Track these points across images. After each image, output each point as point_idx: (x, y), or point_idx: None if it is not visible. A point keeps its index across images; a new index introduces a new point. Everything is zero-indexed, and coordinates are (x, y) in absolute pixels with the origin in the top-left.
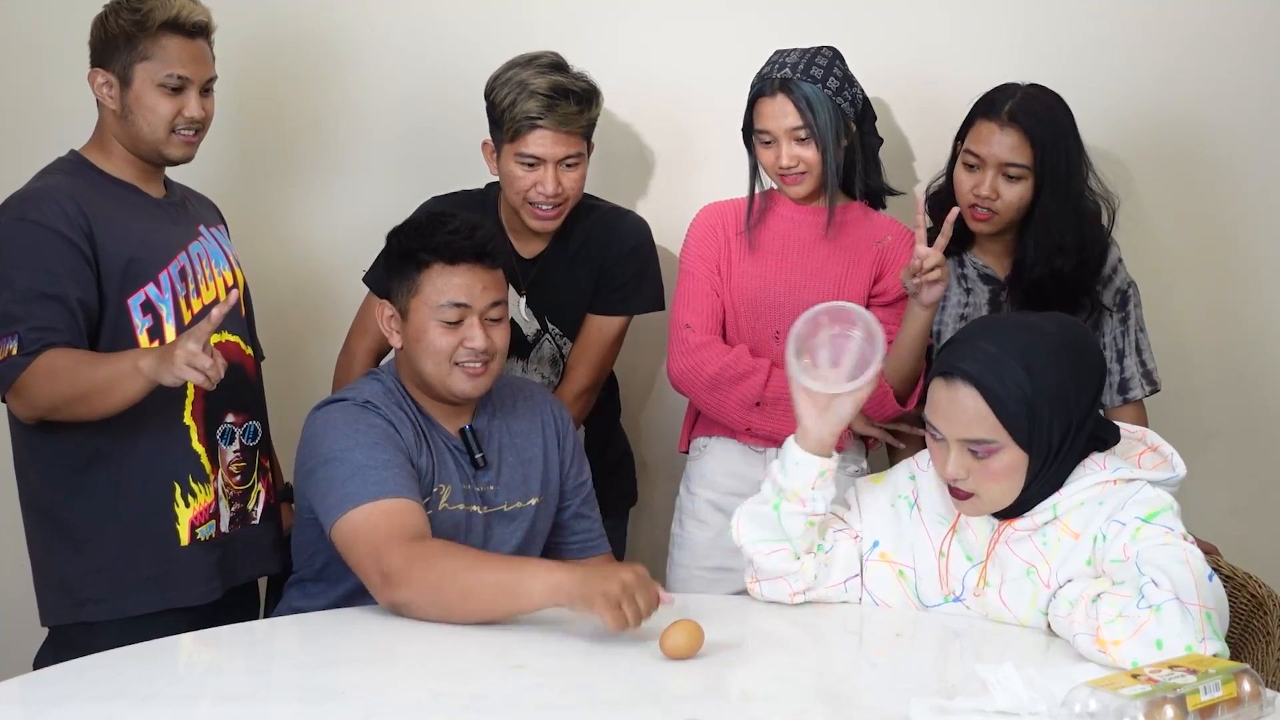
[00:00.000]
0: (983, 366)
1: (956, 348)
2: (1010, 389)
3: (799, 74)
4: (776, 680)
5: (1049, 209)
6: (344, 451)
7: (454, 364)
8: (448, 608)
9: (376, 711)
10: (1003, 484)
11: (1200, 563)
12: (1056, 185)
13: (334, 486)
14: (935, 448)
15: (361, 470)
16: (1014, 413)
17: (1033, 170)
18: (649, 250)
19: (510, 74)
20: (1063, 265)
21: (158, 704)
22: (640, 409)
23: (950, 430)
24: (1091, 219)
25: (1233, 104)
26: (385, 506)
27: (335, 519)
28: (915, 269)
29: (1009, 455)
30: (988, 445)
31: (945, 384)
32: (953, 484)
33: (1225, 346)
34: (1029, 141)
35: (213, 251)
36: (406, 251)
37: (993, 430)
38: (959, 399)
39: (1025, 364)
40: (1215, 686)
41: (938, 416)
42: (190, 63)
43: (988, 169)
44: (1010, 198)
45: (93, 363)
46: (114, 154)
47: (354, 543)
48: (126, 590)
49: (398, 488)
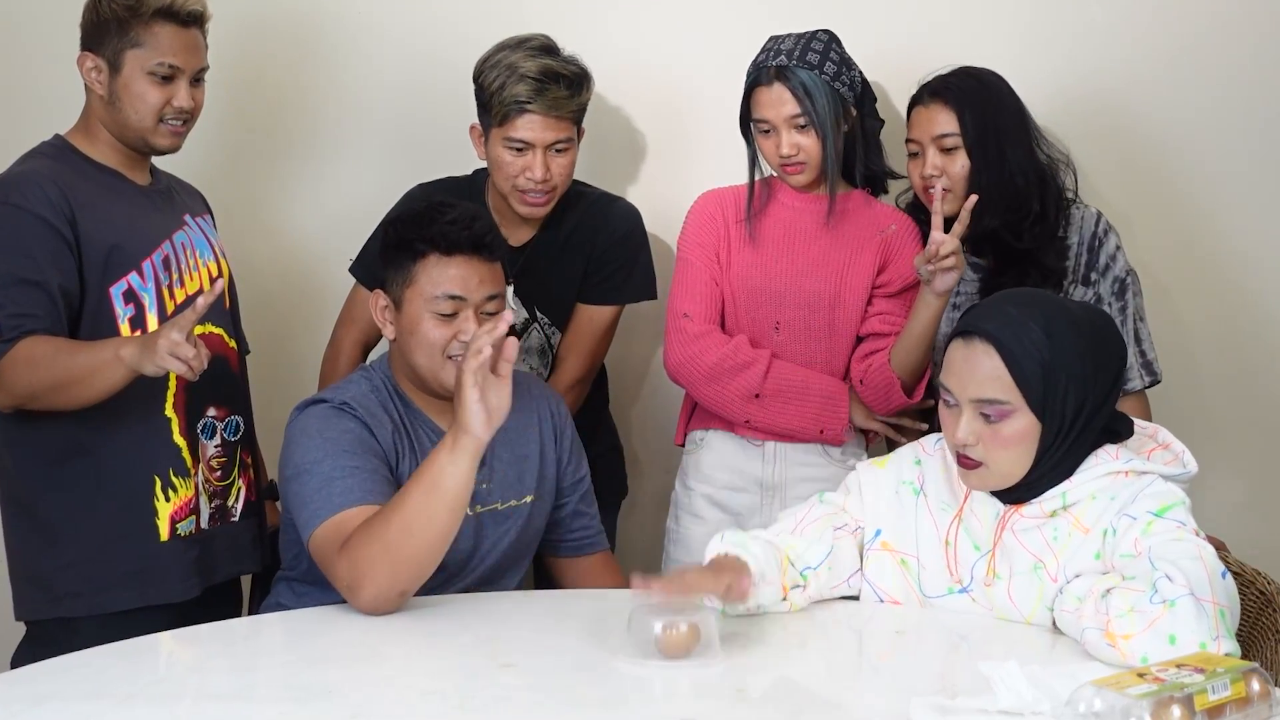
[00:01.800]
0: (1001, 325)
1: (978, 310)
2: (1028, 349)
3: (795, 60)
4: (774, 679)
5: (978, 169)
6: (313, 463)
7: (447, 357)
8: (411, 557)
9: (363, 711)
10: (1013, 451)
11: (1214, 559)
12: (985, 147)
13: (304, 502)
14: (946, 414)
15: (327, 483)
16: (1030, 374)
17: (962, 136)
18: (640, 238)
19: (499, 57)
20: (990, 224)
21: (139, 703)
22: (633, 401)
23: (963, 390)
24: (1034, 181)
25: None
26: (343, 518)
27: (307, 537)
28: (931, 255)
29: (1021, 420)
30: (1001, 407)
31: (963, 343)
32: (961, 451)
33: (1229, 336)
34: (952, 110)
35: (198, 241)
36: (402, 241)
37: (1007, 390)
38: (975, 357)
39: (1045, 328)
40: (1223, 686)
41: (952, 377)
42: (182, 52)
43: (926, 149)
44: (955, 170)
45: (73, 351)
46: (99, 140)
47: (321, 561)
48: (105, 586)
49: (363, 494)
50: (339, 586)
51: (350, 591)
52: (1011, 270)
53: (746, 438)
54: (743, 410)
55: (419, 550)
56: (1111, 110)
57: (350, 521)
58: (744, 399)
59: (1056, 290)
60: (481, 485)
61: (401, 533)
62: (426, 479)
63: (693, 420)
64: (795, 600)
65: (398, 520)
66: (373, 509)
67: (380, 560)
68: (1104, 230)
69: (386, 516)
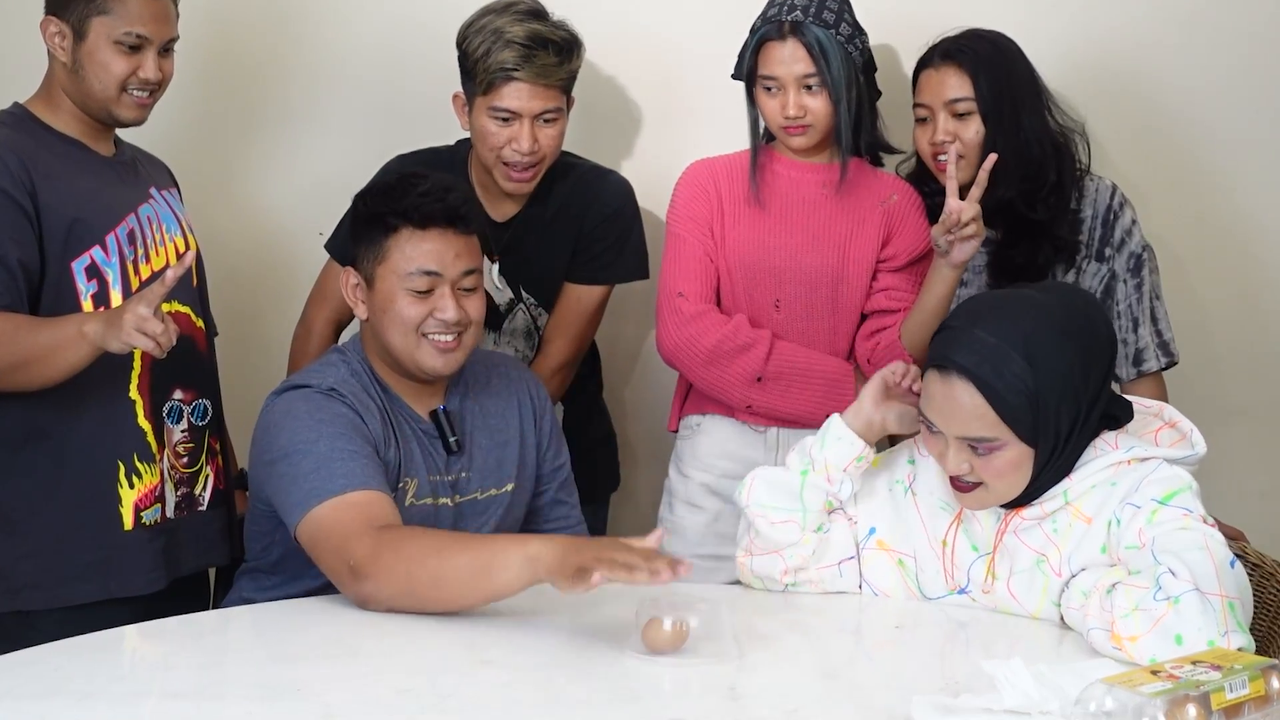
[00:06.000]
0: (979, 359)
1: (951, 335)
2: (1011, 382)
3: (810, 17)
4: (768, 676)
5: (994, 137)
6: (307, 443)
7: (421, 335)
8: (420, 596)
9: (335, 709)
10: (1008, 479)
11: (1221, 548)
12: (1000, 114)
13: (297, 482)
14: (932, 441)
15: (326, 463)
16: (1016, 408)
17: (976, 101)
18: (632, 213)
19: (484, 21)
20: (1005, 194)
21: (100, 701)
22: (624, 384)
23: (948, 427)
24: (1049, 150)
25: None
26: (352, 499)
27: (300, 517)
28: (950, 224)
29: (1012, 452)
30: (989, 443)
31: (940, 377)
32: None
33: (1249, 315)
34: (966, 73)
35: (164, 215)
36: (374, 215)
37: (993, 428)
38: (956, 395)
39: (1026, 353)
40: (1241, 684)
41: (934, 411)
42: (151, 21)
43: (937, 114)
44: (969, 136)
45: (33, 327)
46: (62, 109)
47: (320, 540)
48: (65, 578)
49: (366, 479)
50: (338, 565)
51: (353, 576)
52: (1023, 243)
53: (747, 423)
54: (744, 395)
55: (433, 602)
56: (1124, 75)
57: (362, 505)
58: (745, 383)
59: (1069, 266)
60: (461, 474)
61: (432, 582)
62: (487, 559)
63: (687, 404)
64: (809, 540)
65: (436, 567)
66: (378, 495)
67: (399, 581)
68: (1119, 203)
69: (427, 553)
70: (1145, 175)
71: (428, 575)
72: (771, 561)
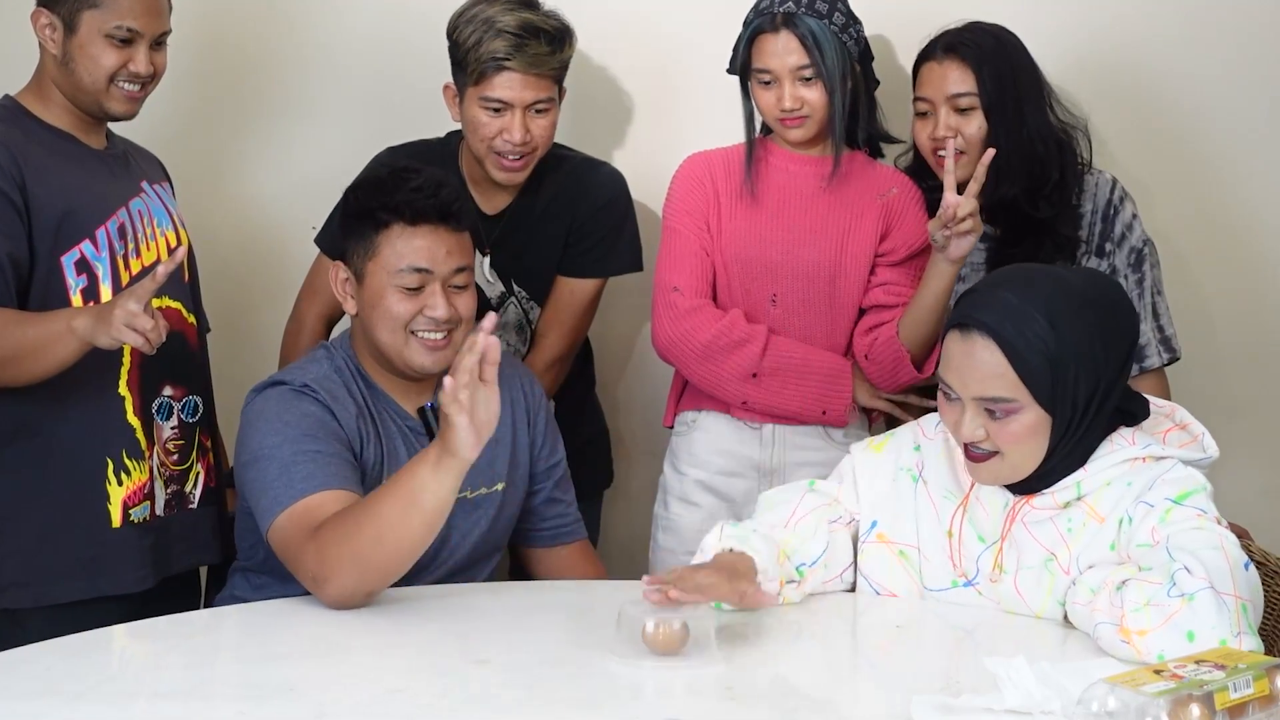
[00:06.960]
0: (1001, 316)
1: (974, 297)
2: (1032, 341)
3: (803, 8)
4: (766, 676)
5: (997, 134)
6: (272, 448)
7: (410, 333)
8: (376, 564)
9: (326, 710)
10: (1024, 446)
11: (1236, 549)
12: (1004, 109)
13: (264, 490)
14: (948, 408)
15: (286, 468)
16: (1036, 368)
17: (979, 96)
18: (625, 205)
19: (475, 10)
20: (1009, 192)
21: (89, 702)
22: (617, 379)
23: (965, 388)
24: (1052, 147)
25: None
26: (305, 506)
27: (267, 526)
28: (946, 219)
29: (1029, 416)
30: (1006, 404)
31: (961, 336)
32: (969, 445)
33: (1253, 311)
34: (969, 67)
35: (155, 209)
36: (364, 210)
37: (1012, 388)
38: (975, 353)
39: (1049, 315)
40: (1246, 683)
41: (951, 373)
42: (143, 15)
43: (939, 108)
44: (971, 131)
45: (21, 322)
46: (52, 101)
47: (283, 552)
48: (53, 576)
49: (326, 479)
50: (303, 578)
51: (316, 585)
52: (1025, 240)
53: (742, 419)
54: (739, 391)
55: (388, 560)
56: (1126, 69)
57: (314, 509)
58: (740, 378)
59: (1070, 262)
60: None
61: (373, 542)
62: (405, 492)
63: (683, 400)
64: (789, 595)
65: (370, 528)
66: (336, 494)
67: (348, 563)
68: (1119, 197)
69: (358, 520)
70: (1147, 170)
71: (367, 541)
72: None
